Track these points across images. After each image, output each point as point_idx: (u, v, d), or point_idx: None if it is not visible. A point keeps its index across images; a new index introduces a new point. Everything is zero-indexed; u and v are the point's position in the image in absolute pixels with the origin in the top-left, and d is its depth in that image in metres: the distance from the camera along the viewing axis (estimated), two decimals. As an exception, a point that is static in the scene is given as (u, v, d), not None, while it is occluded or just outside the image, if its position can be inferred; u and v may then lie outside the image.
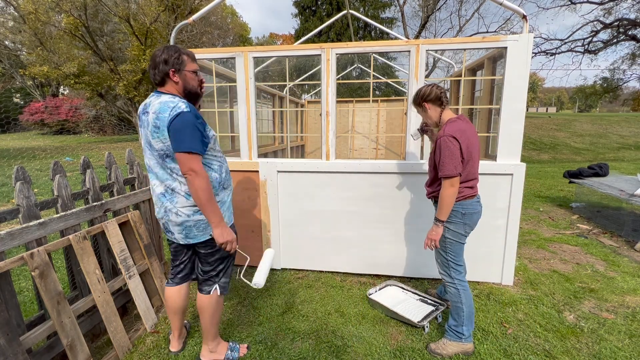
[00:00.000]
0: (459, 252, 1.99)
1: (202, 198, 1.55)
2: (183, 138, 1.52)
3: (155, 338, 2.18)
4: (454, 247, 1.96)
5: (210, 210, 1.58)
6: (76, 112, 22.00)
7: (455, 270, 2.00)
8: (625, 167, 9.21)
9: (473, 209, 1.94)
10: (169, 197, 1.68)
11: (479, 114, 3.76)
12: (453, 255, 1.98)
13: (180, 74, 1.64)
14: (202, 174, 1.55)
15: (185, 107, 1.55)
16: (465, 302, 1.97)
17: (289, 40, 38.13)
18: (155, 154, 1.64)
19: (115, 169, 2.44)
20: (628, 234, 3.93)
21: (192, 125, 1.54)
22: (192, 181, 1.54)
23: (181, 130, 1.52)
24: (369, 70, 10.74)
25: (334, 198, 2.91)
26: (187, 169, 1.53)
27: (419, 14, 18.50)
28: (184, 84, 1.67)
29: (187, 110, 1.54)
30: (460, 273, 2.01)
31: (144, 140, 1.67)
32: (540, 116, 20.84)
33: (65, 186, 1.99)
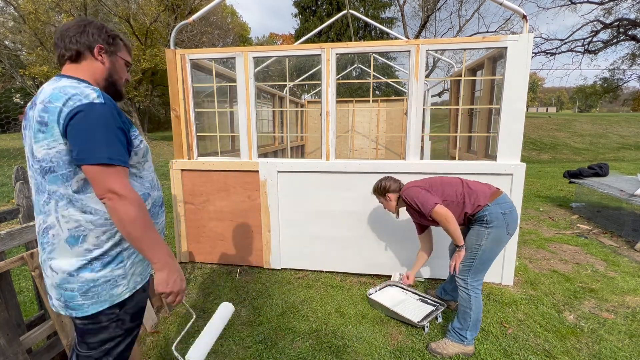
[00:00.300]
0: (491, 259, 1.96)
1: (134, 231, 1.01)
2: (94, 141, 0.97)
3: (155, 338, 2.18)
4: (491, 253, 1.94)
5: (149, 244, 1.04)
6: (76, 112, 21.99)
7: (475, 278, 1.98)
8: (625, 167, 9.21)
9: (508, 205, 1.95)
10: (42, 241, 1.11)
11: (479, 114, 3.76)
12: (481, 262, 1.95)
13: (111, 56, 1.19)
14: (129, 195, 1.00)
15: (97, 97, 1.01)
16: (475, 309, 1.96)
17: (289, 40, 38.14)
18: (37, 166, 1.05)
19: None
20: (628, 234, 3.93)
21: (109, 124, 1.01)
22: (116, 209, 0.99)
23: (90, 129, 0.98)
24: (369, 70, 10.74)
25: (334, 198, 2.91)
26: (104, 190, 0.98)
27: (419, 14, 18.51)
28: (110, 70, 1.19)
29: (100, 101, 1.01)
30: (478, 281, 1.99)
31: (27, 148, 1.08)
32: (540, 116, 20.84)
33: (65, 186, 1.99)
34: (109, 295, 1.12)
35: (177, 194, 3.13)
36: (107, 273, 1.11)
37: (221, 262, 3.22)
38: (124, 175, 1.03)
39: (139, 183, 1.18)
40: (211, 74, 3.29)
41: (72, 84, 1.04)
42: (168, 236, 3.96)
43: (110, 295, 1.12)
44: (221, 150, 3.38)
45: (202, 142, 3.37)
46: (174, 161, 3.10)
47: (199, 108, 3.13)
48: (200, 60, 3.12)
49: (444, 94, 16.93)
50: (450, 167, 2.67)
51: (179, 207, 3.17)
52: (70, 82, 1.06)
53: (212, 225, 3.17)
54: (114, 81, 1.21)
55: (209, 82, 3.46)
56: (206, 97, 3.62)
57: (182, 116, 3.02)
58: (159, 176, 7.05)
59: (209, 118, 3.69)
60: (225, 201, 3.09)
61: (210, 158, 3.15)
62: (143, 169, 1.20)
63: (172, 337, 2.19)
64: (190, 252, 3.26)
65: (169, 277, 1.09)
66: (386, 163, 2.78)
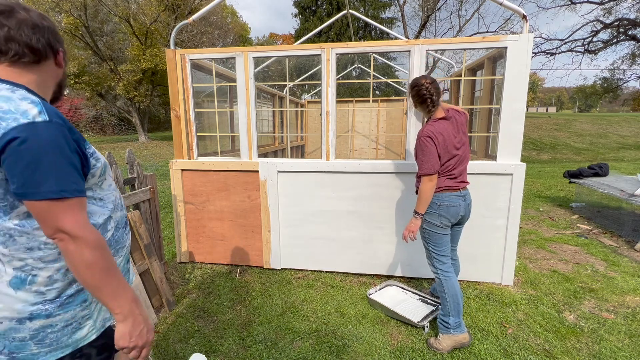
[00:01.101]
0: (439, 242, 2.06)
1: (90, 279, 0.85)
2: (39, 172, 0.78)
3: (155, 338, 2.18)
4: (433, 237, 2.05)
5: (109, 292, 0.87)
6: (76, 112, 22.00)
7: (438, 260, 2.07)
8: (625, 167, 9.21)
9: (450, 201, 2.00)
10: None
11: (479, 114, 3.76)
12: (433, 246, 2.07)
13: (65, 58, 0.99)
14: (84, 235, 0.83)
15: (39, 113, 0.79)
16: (448, 291, 2.01)
17: (289, 40, 38.14)
18: None
19: (115, 169, 2.44)
20: (628, 234, 3.93)
21: (59, 148, 0.80)
22: (68, 251, 0.82)
23: (33, 158, 0.77)
24: (369, 70, 10.74)
25: (333, 198, 2.91)
26: (53, 229, 0.81)
27: (419, 14, 18.50)
28: (62, 77, 1.00)
29: (44, 119, 0.79)
30: (444, 264, 2.07)
31: None
32: (540, 116, 20.84)
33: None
34: (72, 341, 0.94)
35: (177, 194, 3.14)
36: (67, 316, 0.92)
37: (221, 262, 3.22)
38: (79, 209, 0.84)
39: (100, 206, 0.99)
40: (211, 74, 3.29)
41: (6, 94, 0.80)
42: (168, 236, 3.97)
43: (74, 340, 0.95)
44: (221, 150, 3.38)
45: (202, 142, 3.37)
46: (174, 161, 3.10)
47: (199, 108, 3.13)
48: (200, 60, 3.12)
49: (444, 94, 16.93)
50: (450, 167, 2.67)
51: (179, 207, 3.17)
52: (6, 91, 0.81)
53: (212, 225, 3.17)
54: (60, 83, 1.00)
55: (209, 82, 3.46)
56: (206, 97, 3.62)
57: (182, 116, 3.02)
58: (159, 176, 7.06)
59: (209, 118, 3.69)
60: (225, 201, 3.09)
61: (210, 158, 3.15)
62: (102, 189, 1.01)
63: (172, 337, 2.19)
64: (190, 252, 3.26)
65: (133, 329, 0.91)
66: (386, 163, 2.78)
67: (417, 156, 1.98)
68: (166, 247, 3.62)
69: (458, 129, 2.01)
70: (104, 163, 1.01)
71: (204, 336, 2.19)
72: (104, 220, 0.99)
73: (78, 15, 13.68)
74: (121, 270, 1.07)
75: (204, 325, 2.31)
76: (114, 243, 1.04)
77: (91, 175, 0.95)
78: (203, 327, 2.29)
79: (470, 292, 2.68)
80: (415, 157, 2.00)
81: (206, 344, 2.11)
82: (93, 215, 0.97)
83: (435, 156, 1.91)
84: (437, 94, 1.98)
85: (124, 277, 1.09)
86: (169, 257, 3.45)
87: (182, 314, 2.45)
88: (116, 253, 1.05)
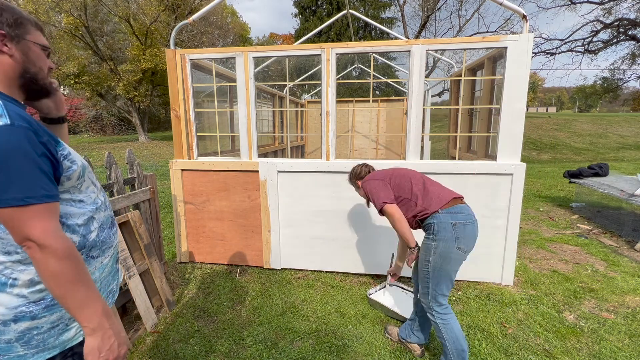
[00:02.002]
0: (441, 279, 1.69)
1: (56, 288, 0.82)
2: (3, 179, 0.75)
3: (155, 338, 2.18)
4: (437, 272, 1.68)
5: (76, 302, 0.84)
6: (76, 112, 22.01)
7: (436, 303, 1.73)
8: (625, 167, 9.21)
9: (463, 219, 1.69)
10: None
11: (479, 114, 3.76)
12: (434, 283, 1.70)
13: (19, 43, 0.89)
14: (51, 244, 0.80)
15: (1, 117, 0.76)
16: (449, 338, 1.70)
17: (289, 40, 38.14)
18: None
19: (115, 169, 2.44)
20: (628, 234, 3.93)
21: (22, 153, 0.77)
22: (35, 259, 0.80)
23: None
24: (369, 70, 10.74)
25: (334, 198, 2.91)
26: (21, 237, 0.79)
27: (419, 14, 18.51)
28: (23, 62, 0.90)
29: (5, 122, 0.76)
30: (442, 306, 1.73)
31: None
32: (540, 116, 20.84)
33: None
34: (59, 342, 0.93)
35: (177, 194, 3.13)
36: (52, 318, 0.91)
37: (221, 262, 3.22)
38: (48, 216, 0.81)
39: (79, 207, 0.96)
40: (211, 74, 3.29)
41: None
42: (168, 236, 3.97)
43: (61, 341, 0.94)
44: (221, 150, 3.38)
45: (202, 142, 3.37)
46: (174, 161, 3.10)
47: (199, 108, 3.13)
48: (200, 60, 3.12)
49: (444, 94, 16.93)
50: (450, 167, 2.67)
51: (179, 207, 3.17)
52: None
53: (212, 225, 3.17)
54: (32, 76, 0.92)
55: (209, 82, 3.46)
56: (206, 97, 3.62)
57: (182, 116, 3.02)
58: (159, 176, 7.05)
59: (209, 118, 3.69)
60: (225, 201, 3.09)
61: (210, 158, 3.15)
62: (81, 191, 0.98)
63: (172, 337, 2.19)
64: (190, 252, 3.26)
65: (102, 344, 0.86)
66: (386, 163, 2.77)
67: (371, 201, 1.89)
68: (166, 247, 3.62)
69: (391, 171, 1.99)
70: (83, 165, 0.97)
71: (204, 336, 2.19)
72: (84, 220, 0.96)
73: (78, 15, 13.67)
74: (109, 271, 1.07)
75: (204, 325, 2.31)
76: (99, 243, 1.01)
77: (67, 178, 0.91)
78: (203, 327, 2.29)
79: (470, 292, 2.68)
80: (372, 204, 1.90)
81: (206, 344, 2.11)
82: (72, 217, 0.93)
83: (383, 187, 1.85)
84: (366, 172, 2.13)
85: (112, 278, 1.09)
86: (169, 257, 3.45)
87: (182, 314, 2.45)
88: (103, 253, 1.03)
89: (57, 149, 0.88)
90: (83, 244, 0.95)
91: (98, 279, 1.02)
